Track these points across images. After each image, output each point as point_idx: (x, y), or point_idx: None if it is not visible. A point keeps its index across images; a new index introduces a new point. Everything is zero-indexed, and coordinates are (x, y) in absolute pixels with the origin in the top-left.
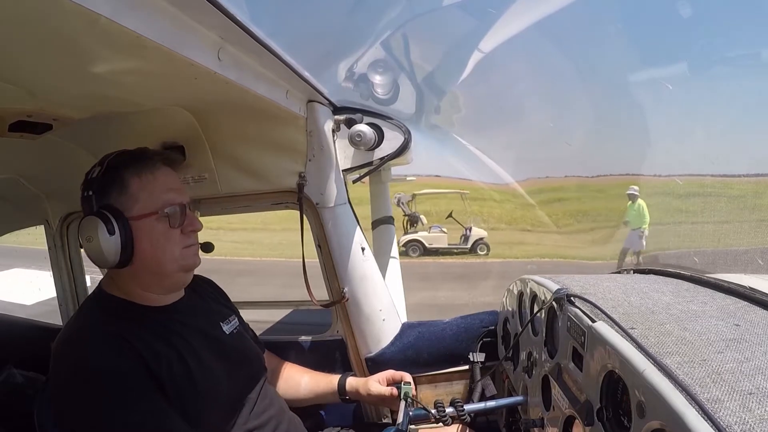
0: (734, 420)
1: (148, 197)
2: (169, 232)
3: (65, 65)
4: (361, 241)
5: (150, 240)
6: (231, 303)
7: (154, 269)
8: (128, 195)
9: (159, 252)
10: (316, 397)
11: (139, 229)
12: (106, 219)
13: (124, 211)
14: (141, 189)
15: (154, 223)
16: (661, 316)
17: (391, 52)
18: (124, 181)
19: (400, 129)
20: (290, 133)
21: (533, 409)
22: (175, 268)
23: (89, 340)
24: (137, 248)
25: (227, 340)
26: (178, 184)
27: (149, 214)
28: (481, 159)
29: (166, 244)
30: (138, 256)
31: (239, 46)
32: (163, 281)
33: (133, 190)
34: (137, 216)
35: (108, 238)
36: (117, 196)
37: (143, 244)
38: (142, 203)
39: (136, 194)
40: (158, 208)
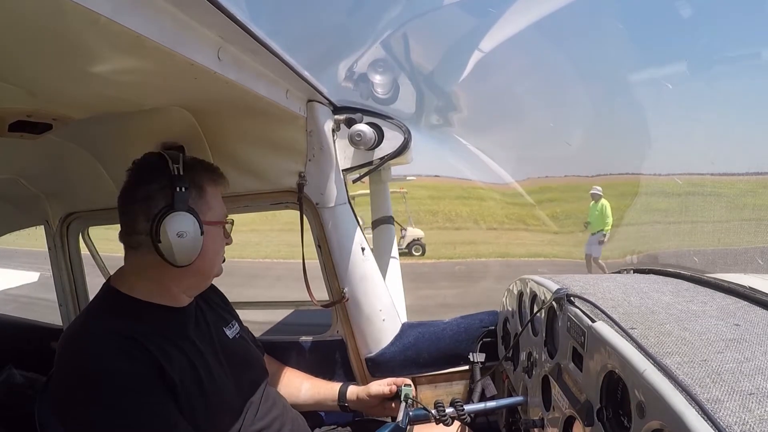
0: (734, 420)
1: (217, 207)
2: (223, 242)
3: (65, 65)
4: (361, 241)
5: (213, 245)
6: (232, 307)
7: (205, 272)
8: (204, 201)
9: (216, 258)
10: (316, 404)
11: (208, 234)
12: (197, 218)
13: (200, 214)
14: (213, 197)
15: (218, 231)
16: (661, 316)
17: (391, 51)
18: (202, 186)
19: (400, 129)
20: (290, 133)
21: (533, 409)
22: (216, 273)
23: (97, 340)
24: (203, 250)
25: (231, 346)
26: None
27: (218, 222)
28: (481, 159)
29: (220, 252)
30: (200, 257)
31: (239, 46)
32: (203, 283)
33: (208, 197)
34: (209, 221)
35: (198, 237)
36: (196, 198)
37: (208, 248)
38: (214, 211)
39: (210, 201)
40: (223, 219)
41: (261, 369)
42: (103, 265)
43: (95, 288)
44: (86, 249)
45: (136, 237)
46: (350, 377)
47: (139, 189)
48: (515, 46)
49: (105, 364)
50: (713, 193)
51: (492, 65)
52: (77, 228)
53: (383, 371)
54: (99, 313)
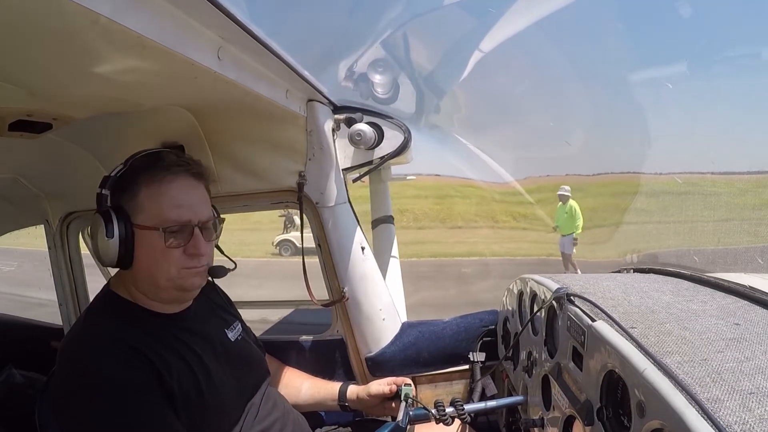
0: (734, 419)
1: (153, 209)
2: (168, 251)
3: (65, 65)
4: (361, 241)
5: (147, 252)
6: (234, 308)
7: (149, 280)
8: (136, 201)
9: (153, 267)
10: (316, 404)
11: (140, 239)
12: (108, 219)
13: (131, 215)
14: (148, 198)
15: (154, 238)
16: (661, 315)
17: (391, 51)
18: (135, 186)
19: (400, 128)
20: (290, 133)
21: (533, 408)
22: (169, 286)
23: (100, 346)
24: (136, 255)
25: (232, 348)
26: (194, 200)
27: (150, 227)
28: (481, 158)
29: (162, 261)
30: (135, 263)
31: (239, 46)
32: (159, 293)
33: (141, 198)
34: (140, 225)
35: (105, 239)
36: (127, 199)
37: (141, 254)
38: (146, 214)
39: (143, 203)
40: (158, 224)
41: (262, 370)
42: None
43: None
44: (86, 249)
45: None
46: (350, 377)
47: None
48: (515, 46)
49: (104, 371)
50: (713, 192)
51: (492, 65)
52: (77, 227)
53: (383, 371)
54: (99, 317)
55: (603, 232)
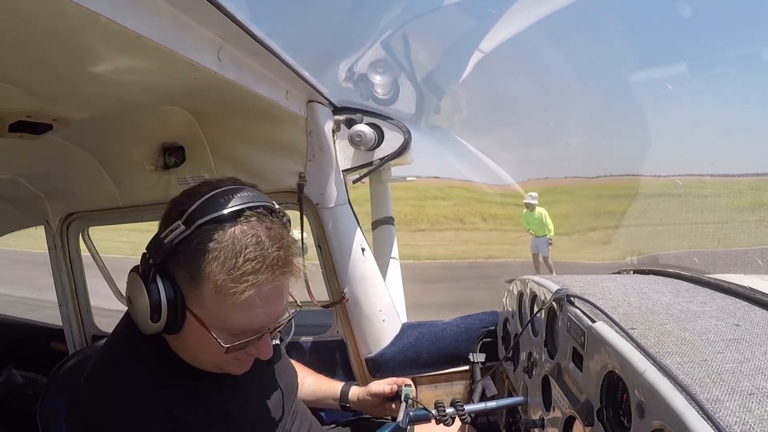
0: (734, 420)
1: (219, 314)
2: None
3: (65, 65)
4: (361, 242)
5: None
6: None
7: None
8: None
9: (201, 352)
10: (316, 401)
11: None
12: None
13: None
14: (216, 302)
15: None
16: (661, 316)
17: (391, 52)
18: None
19: (400, 129)
20: (290, 133)
21: (533, 409)
22: (211, 368)
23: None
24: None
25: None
26: (277, 305)
27: (207, 329)
28: (481, 159)
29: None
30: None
31: (239, 46)
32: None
33: (205, 294)
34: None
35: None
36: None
37: (190, 339)
38: (209, 313)
39: (205, 300)
40: (219, 336)
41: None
42: (103, 265)
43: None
44: (86, 249)
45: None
46: (350, 377)
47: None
48: (515, 46)
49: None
50: (713, 193)
51: (492, 65)
52: (77, 228)
53: (383, 371)
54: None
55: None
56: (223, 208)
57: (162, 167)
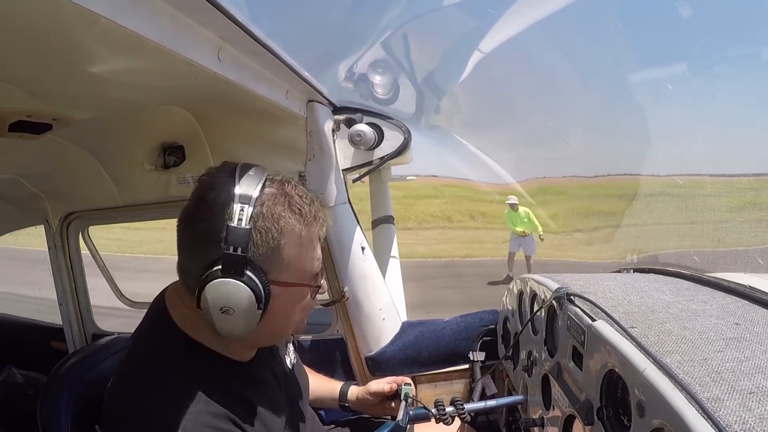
0: (734, 419)
1: (301, 266)
2: (307, 302)
3: (65, 65)
4: (361, 241)
5: (286, 308)
6: None
7: (274, 335)
8: (280, 258)
9: (287, 320)
10: (316, 401)
11: (279, 296)
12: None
13: (268, 272)
14: (297, 255)
15: (298, 293)
16: (661, 315)
17: (391, 52)
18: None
19: (400, 129)
20: (290, 133)
21: (533, 408)
22: (291, 332)
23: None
24: (267, 315)
25: (291, 377)
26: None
27: (298, 285)
28: (480, 159)
29: (299, 311)
30: (265, 321)
31: (239, 46)
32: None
33: (287, 255)
34: (283, 283)
35: (254, 312)
36: (266, 254)
37: (276, 311)
38: (293, 271)
39: (290, 261)
40: (308, 280)
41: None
42: (103, 264)
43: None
44: (86, 249)
45: (187, 278)
46: (350, 376)
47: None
48: (515, 46)
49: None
50: (713, 193)
51: (492, 65)
52: (77, 227)
53: (383, 370)
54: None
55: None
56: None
57: (162, 167)
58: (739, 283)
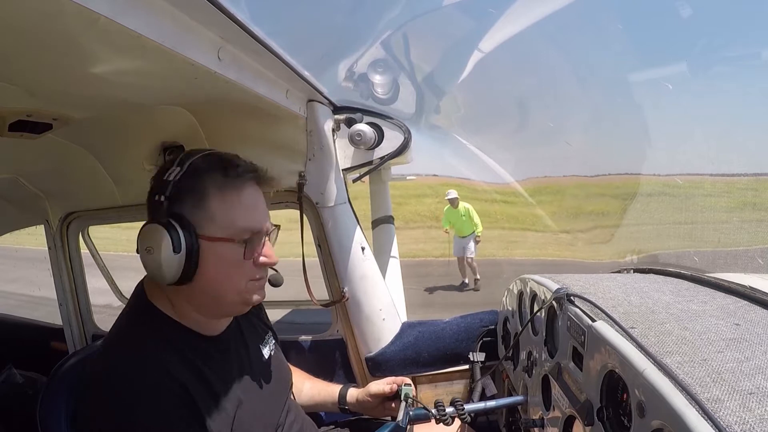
0: (734, 419)
1: (226, 219)
2: (242, 263)
3: (65, 65)
4: (361, 241)
5: (217, 266)
6: (266, 317)
7: (213, 295)
8: (205, 210)
9: (224, 281)
10: (315, 406)
11: (208, 251)
12: (174, 232)
13: (197, 227)
14: (221, 206)
15: (226, 249)
16: (661, 315)
17: (391, 51)
18: (204, 193)
19: (400, 128)
20: (290, 133)
21: (533, 408)
22: (236, 300)
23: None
24: (201, 270)
25: (266, 367)
26: (263, 208)
27: (224, 239)
28: (481, 158)
29: (234, 274)
30: (199, 277)
31: (239, 46)
32: (220, 308)
33: (212, 207)
34: (210, 237)
35: (171, 255)
36: (192, 207)
37: (208, 268)
38: (219, 224)
39: (214, 212)
40: (235, 235)
41: (289, 387)
42: (103, 264)
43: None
44: (86, 248)
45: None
46: (350, 377)
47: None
48: (515, 46)
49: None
50: (713, 193)
51: (492, 65)
52: (77, 227)
53: (383, 371)
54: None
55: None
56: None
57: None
58: (739, 283)
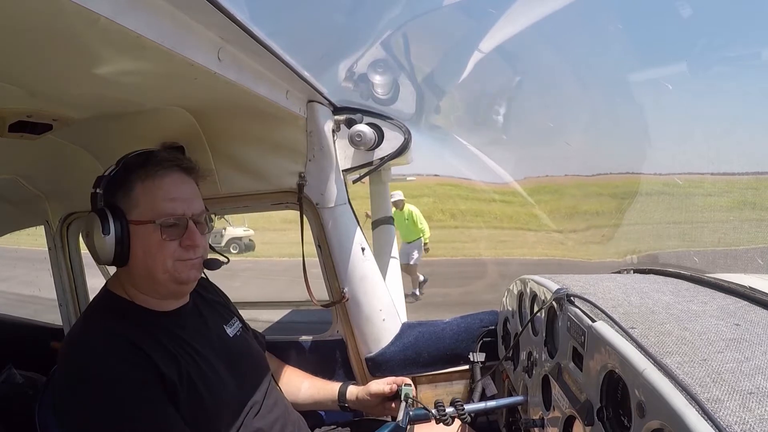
0: (734, 420)
1: (147, 204)
2: (164, 243)
3: (65, 65)
4: (361, 241)
5: (143, 247)
6: (232, 305)
7: (145, 275)
8: (130, 198)
9: (150, 260)
10: (315, 404)
11: (135, 234)
12: (104, 217)
13: (126, 213)
14: (143, 194)
15: (149, 231)
16: (661, 315)
17: (391, 52)
18: (130, 183)
19: (400, 129)
20: (290, 134)
21: (533, 408)
22: (166, 278)
23: (100, 345)
24: (132, 252)
25: (231, 344)
26: (186, 194)
27: (145, 222)
28: (480, 158)
29: (158, 254)
30: (132, 259)
31: (239, 47)
32: (156, 288)
33: (136, 194)
34: (135, 221)
35: (102, 237)
36: (122, 197)
37: (137, 249)
38: (141, 209)
39: (138, 198)
40: (154, 217)
41: (263, 367)
42: None
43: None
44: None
45: None
46: (350, 377)
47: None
48: (515, 46)
49: (105, 368)
50: (713, 192)
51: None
52: (77, 228)
53: (383, 371)
54: (98, 316)
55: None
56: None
57: None
58: (739, 283)
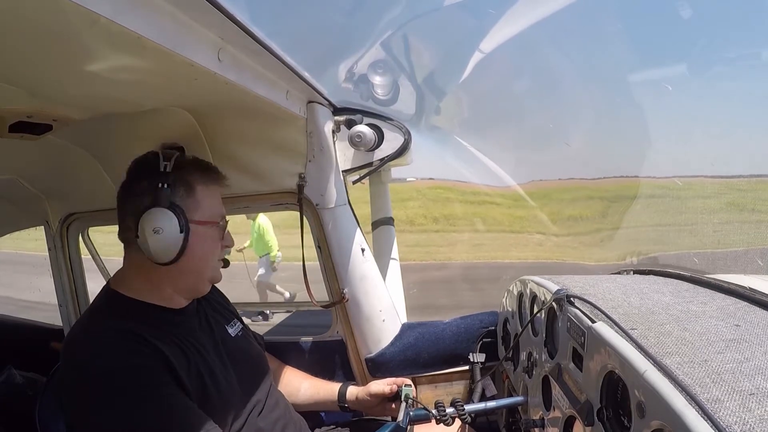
0: (734, 420)
1: (209, 206)
2: (216, 243)
3: (65, 65)
4: (361, 242)
5: (202, 246)
6: (232, 306)
7: (196, 272)
8: (193, 199)
9: (206, 258)
10: (315, 404)
11: (196, 234)
12: (178, 215)
13: (187, 212)
14: (205, 197)
15: (210, 231)
16: (661, 316)
17: (391, 52)
18: (191, 184)
19: (400, 130)
20: (290, 134)
21: (533, 409)
22: (209, 276)
23: (107, 338)
24: (189, 250)
25: (233, 343)
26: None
27: (209, 222)
28: (481, 160)
29: (211, 253)
30: (186, 257)
31: (239, 47)
32: (197, 285)
33: (198, 196)
34: (198, 221)
35: (177, 234)
36: (183, 196)
37: (195, 248)
38: (204, 210)
39: (201, 200)
40: (216, 219)
41: (264, 367)
42: (103, 266)
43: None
44: (86, 250)
45: (126, 233)
46: (350, 378)
47: (131, 186)
48: (515, 46)
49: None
50: (713, 194)
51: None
52: (77, 228)
53: (383, 371)
54: (102, 314)
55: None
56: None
57: None
58: (739, 284)
